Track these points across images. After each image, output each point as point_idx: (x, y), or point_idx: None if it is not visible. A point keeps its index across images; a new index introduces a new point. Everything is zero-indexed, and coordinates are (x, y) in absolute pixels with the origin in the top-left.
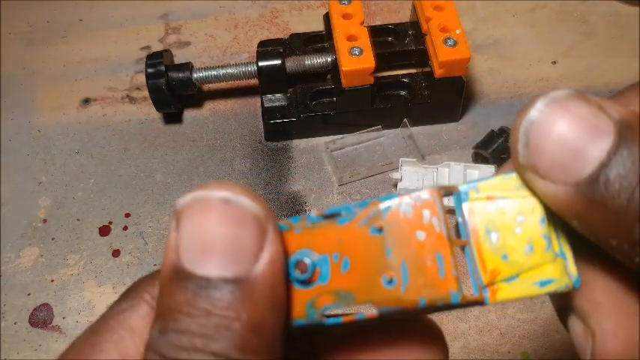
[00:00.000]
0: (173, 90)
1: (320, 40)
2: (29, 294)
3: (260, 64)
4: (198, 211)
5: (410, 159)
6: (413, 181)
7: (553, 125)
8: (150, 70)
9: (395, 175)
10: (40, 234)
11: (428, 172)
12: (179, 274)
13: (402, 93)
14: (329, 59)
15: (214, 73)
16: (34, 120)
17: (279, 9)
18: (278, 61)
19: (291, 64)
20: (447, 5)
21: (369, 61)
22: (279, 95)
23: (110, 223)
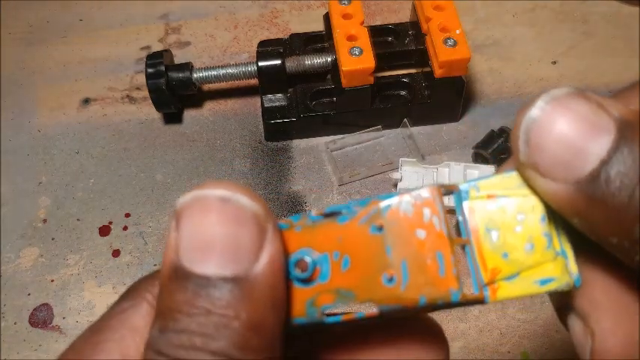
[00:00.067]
0: (173, 90)
1: (320, 40)
2: (29, 294)
3: (260, 64)
4: (197, 211)
5: (410, 159)
6: (413, 181)
7: (554, 123)
8: (150, 70)
9: (395, 175)
10: (40, 234)
11: (428, 172)
12: (179, 273)
13: (402, 93)
14: (329, 59)
15: (214, 73)
16: (34, 120)
17: (279, 9)
18: (278, 61)
19: (291, 64)
20: (447, 5)
21: (369, 61)
22: (279, 95)
23: (110, 223)
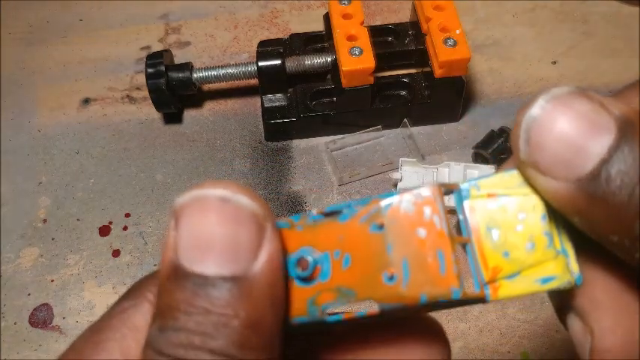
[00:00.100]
0: (173, 90)
1: (320, 40)
2: (29, 294)
3: (260, 64)
4: (196, 210)
5: (410, 159)
6: (413, 181)
7: (554, 122)
8: (150, 70)
9: (395, 175)
10: (40, 234)
11: (428, 172)
12: (178, 272)
13: (402, 93)
14: (329, 59)
15: (214, 73)
16: (34, 120)
17: (279, 9)
18: (278, 61)
19: (291, 64)
20: (447, 5)
21: (369, 61)
22: (279, 95)
23: (110, 223)
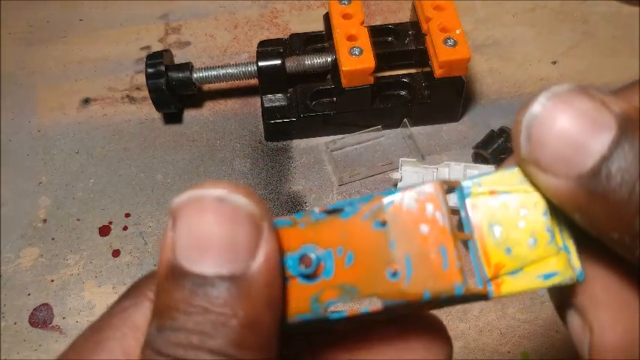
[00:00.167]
0: (173, 90)
1: (320, 40)
2: (29, 294)
3: (260, 64)
4: (193, 210)
5: (410, 159)
6: (413, 181)
7: (555, 119)
8: (150, 70)
9: (395, 175)
10: (40, 234)
11: (428, 172)
12: (176, 272)
13: (402, 93)
14: (329, 59)
15: (214, 73)
16: (34, 120)
17: (279, 9)
18: (278, 61)
19: (291, 64)
20: (447, 5)
21: (369, 61)
22: (279, 95)
23: (110, 223)
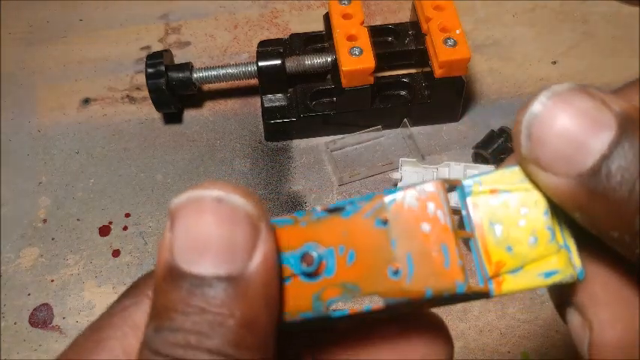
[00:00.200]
0: (173, 90)
1: (320, 40)
2: (29, 294)
3: (260, 64)
4: (192, 211)
5: (410, 159)
6: (413, 181)
7: (555, 118)
8: (150, 70)
9: (395, 175)
10: (40, 234)
11: (428, 172)
12: (173, 273)
13: (402, 93)
14: (329, 59)
15: (214, 73)
16: (34, 120)
17: (279, 9)
18: (278, 61)
19: (291, 64)
20: (447, 5)
21: (369, 61)
22: (279, 95)
23: (110, 223)
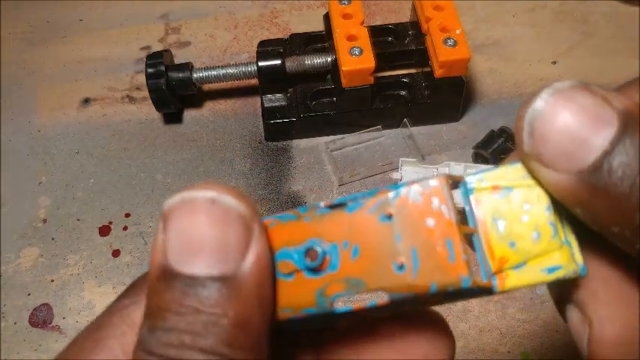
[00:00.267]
0: (173, 90)
1: (320, 40)
2: (29, 294)
3: (260, 64)
4: (185, 212)
5: (410, 159)
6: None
7: (557, 115)
8: (150, 70)
9: (395, 175)
10: (40, 234)
11: (428, 172)
12: (167, 273)
13: (402, 93)
14: (329, 59)
15: (214, 73)
16: (34, 120)
17: (279, 9)
18: (278, 61)
19: (291, 64)
20: (447, 5)
21: (369, 61)
22: (279, 95)
23: (110, 223)
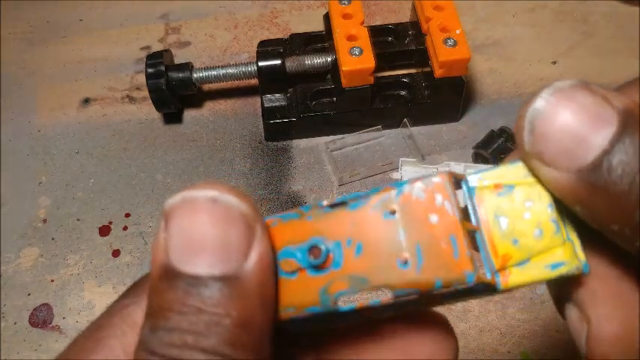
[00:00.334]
0: (173, 90)
1: (320, 40)
2: (29, 294)
3: (260, 64)
4: (187, 211)
5: (410, 159)
6: None
7: (558, 114)
8: (150, 70)
9: (395, 175)
10: (40, 234)
11: (428, 172)
12: (169, 273)
13: (402, 93)
14: (329, 59)
15: (214, 73)
16: (34, 120)
17: (279, 9)
18: (278, 61)
19: (291, 64)
20: (447, 5)
21: (369, 61)
22: (279, 95)
23: (110, 223)
